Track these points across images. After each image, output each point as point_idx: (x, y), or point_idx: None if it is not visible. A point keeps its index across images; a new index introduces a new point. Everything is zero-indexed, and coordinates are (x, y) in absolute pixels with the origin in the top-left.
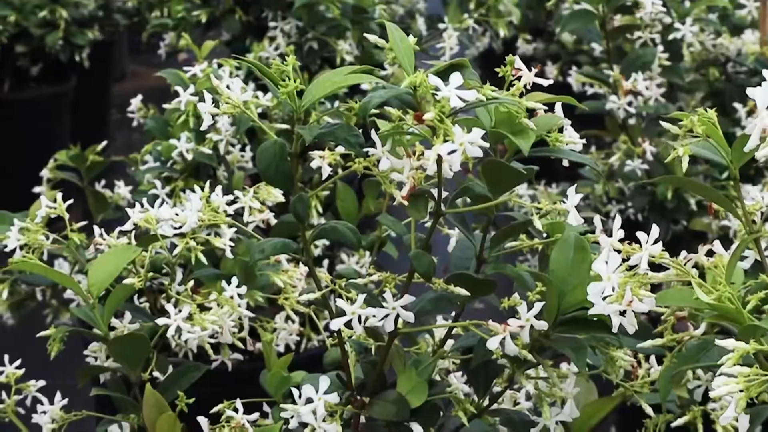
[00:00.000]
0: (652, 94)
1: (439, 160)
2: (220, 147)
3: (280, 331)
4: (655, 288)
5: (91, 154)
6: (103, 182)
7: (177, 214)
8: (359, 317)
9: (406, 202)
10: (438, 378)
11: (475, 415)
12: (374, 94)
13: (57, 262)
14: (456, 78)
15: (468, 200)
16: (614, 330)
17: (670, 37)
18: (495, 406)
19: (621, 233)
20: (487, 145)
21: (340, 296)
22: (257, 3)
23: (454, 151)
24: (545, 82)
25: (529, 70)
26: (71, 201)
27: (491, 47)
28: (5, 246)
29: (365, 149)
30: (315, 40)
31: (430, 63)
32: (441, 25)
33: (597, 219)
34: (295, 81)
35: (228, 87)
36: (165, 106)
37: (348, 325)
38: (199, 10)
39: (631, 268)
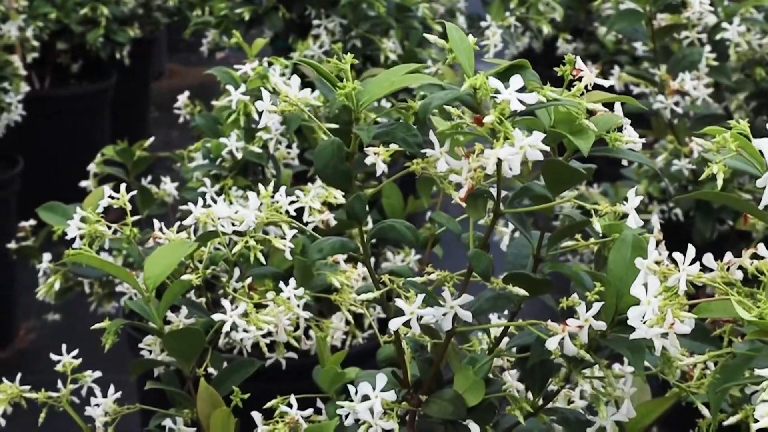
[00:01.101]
0: (699, 94)
1: (499, 161)
2: (270, 145)
3: (335, 330)
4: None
5: (138, 149)
6: (149, 178)
7: (237, 212)
8: (418, 317)
9: (463, 204)
10: (491, 376)
11: (531, 414)
12: (435, 95)
13: (101, 255)
14: (516, 80)
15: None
16: (657, 353)
17: (717, 36)
18: (548, 405)
19: (656, 255)
20: (547, 148)
21: (398, 295)
22: (300, 1)
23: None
24: (606, 83)
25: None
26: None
27: (531, 46)
28: (64, 235)
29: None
30: (358, 38)
31: (491, 62)
32: (483, 23)
33: (655, 219)
34: (352, 81)
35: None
36: (214, 102)
37: (406, 324)
38: (242, 7)
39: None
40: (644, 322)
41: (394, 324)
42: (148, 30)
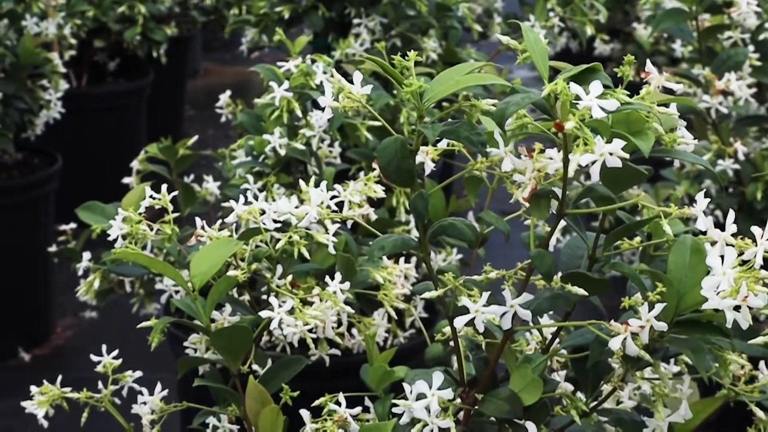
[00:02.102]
0: (743, 94)
1: (566, 162)
2: (313, 143)
3: (378, 327)
4: None
5: (182, 147)
6: (191, 176)
7: (297, 207)
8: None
9: (527, 204)
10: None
11: (583, 414)
12: (511, 99)
13: None
14: (596, 86)
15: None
16: (728, 324)
17: (760, 37)
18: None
19: (734, 227)
20: (627, 155)
21: (447, 295)
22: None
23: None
24: (676, 87)
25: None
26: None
27: (568, 46)
28: (103, 234)
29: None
30: (399, 36)
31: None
32: (526, 24)
33: (709, 220)
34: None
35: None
36: (257, 101)
37: (468, 323)
38: (282, 6)
39: (744, 262)
40: (717, 294)
41: (459, 322)
42: (184, 28)
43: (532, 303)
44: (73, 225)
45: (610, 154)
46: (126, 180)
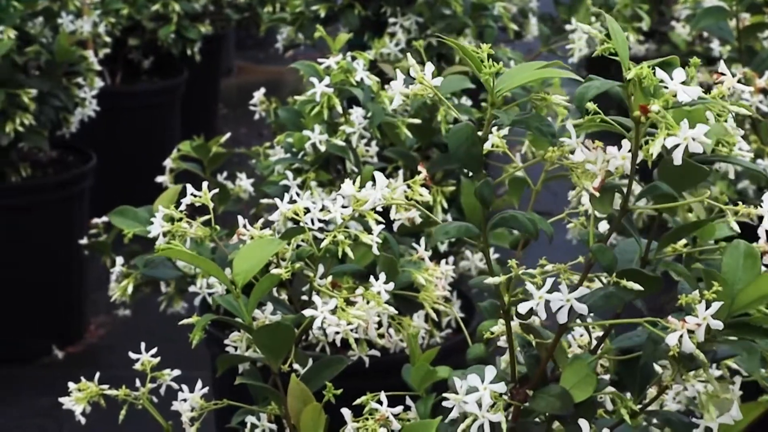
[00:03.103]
0: None
1: (635, 155)
2: (353, 139)
3: (416, 328)
4: None
5: (214, 145)
6: (224, 173)
7: (358, 196)
8: (545, 303)
9: (597, 194)
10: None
11: (631, 415)
12: (590, 84)
13: None
14: (680, 74)
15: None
16: None
17: None
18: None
19: None
20: (710, 141)
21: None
22: None
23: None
24: (747, 89)
25: None
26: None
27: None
28: (135, 238)
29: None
30: (434, 36)
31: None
32: (568, 27)
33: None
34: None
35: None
36: (297, 97)
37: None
38: (318, 4)
39: None
40: None
41: (524, 307)
42: (218, 26)
43: (588, 298)
44: (104, 218)
45: (693, 139)
46: (159, 178)
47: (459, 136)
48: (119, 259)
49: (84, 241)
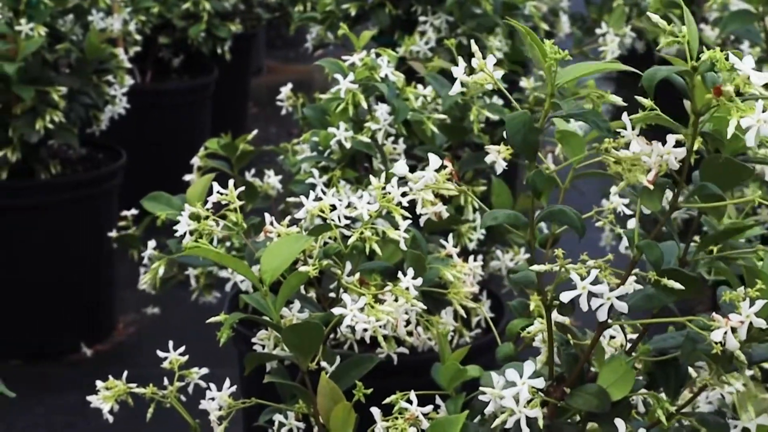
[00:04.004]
0: None
1: (690, 150)
2: (378, 136)
3: (446, 326)
4: None
5: (242, 143)
6: (252, 171)
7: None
8: (588, 294)
9: (651, 186)
10: None
11: (667, 417)
12: (661, 67)
13: None
14: (750, 60)
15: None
16: None
17: None
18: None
19: None
20: None
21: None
22: None
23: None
24: None
25: None
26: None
27: (633, 47)
28: (168, 223)
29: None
30: (464, 35)
31: None
32: (598, 30)
33: None
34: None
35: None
36: (321, 95)
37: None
38: (349, 3)
39: None
40: None
41: (566, 296)
42: (249, 25)
43: (629, 297)
44: (134, 211)
45: (766, 122)
46: (187, 177)
47: (517, 123)
48: (151, 243)
49: (113, 233)
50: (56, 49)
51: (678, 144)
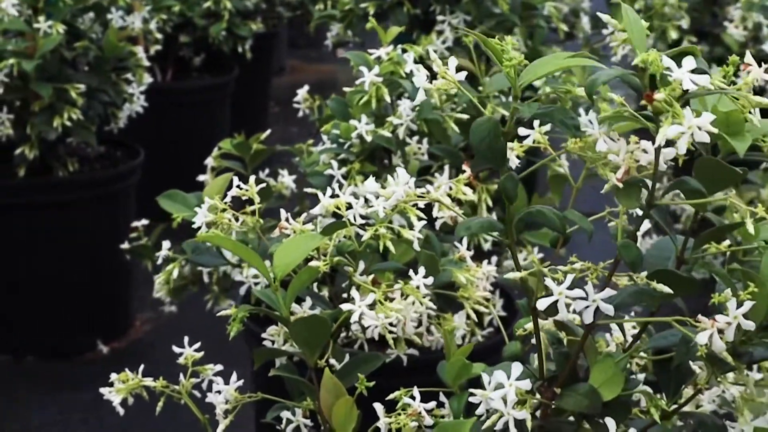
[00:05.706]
0: None
1: (658, 148)
2: (399, 132)
3: (457, 327)
4: None
5: (255, 142)
6: (266, 171)
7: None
8: (565, 299)
9: (620, 185)
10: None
11: (663, 416)
12: (602, 72)
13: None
14: (689, 62)
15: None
16: None
17: None
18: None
19: None
20: (715, 130)
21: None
22: None
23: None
24: None
25: None
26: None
27: (656, 47)
28: (184, 224)
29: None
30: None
31: None
32: (605, 31)
33: None
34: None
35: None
36: (345, 89)
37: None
38: (367, 2)
39: None
40: None
41: (542, 304)
42: (270, 24)
43: (615, 298)
44: (144, 221)
45: (699, 128)
46: (201, 177)
47: (481, 131)
48: (166, 243)
49: (125, 245)
50: (75, 46)
51: (668, 144)
